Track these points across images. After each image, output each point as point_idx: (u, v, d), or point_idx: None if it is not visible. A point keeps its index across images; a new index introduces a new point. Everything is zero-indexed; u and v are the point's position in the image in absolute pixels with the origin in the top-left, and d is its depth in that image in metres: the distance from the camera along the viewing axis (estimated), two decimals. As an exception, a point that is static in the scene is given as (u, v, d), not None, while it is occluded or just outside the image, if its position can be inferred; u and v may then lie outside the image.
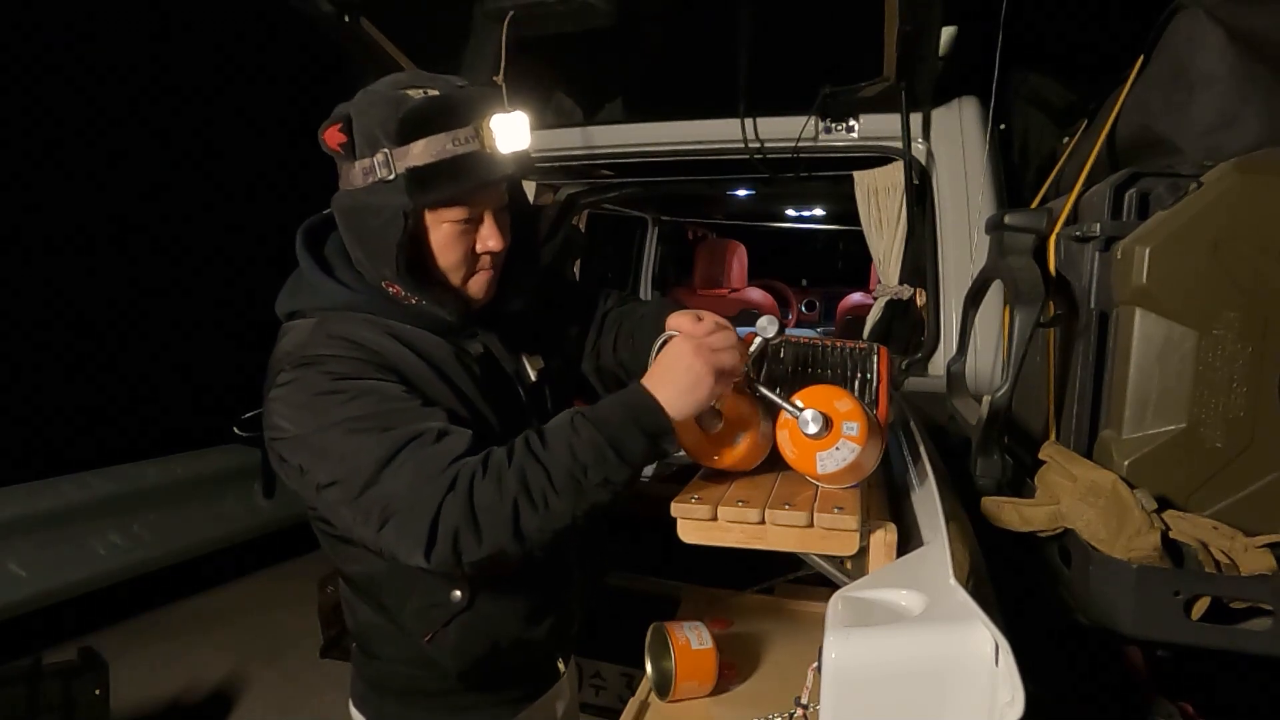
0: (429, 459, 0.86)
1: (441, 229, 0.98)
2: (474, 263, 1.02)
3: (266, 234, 4.43)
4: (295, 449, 0.92)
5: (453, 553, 0.85)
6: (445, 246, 0.99)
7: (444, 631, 1.03)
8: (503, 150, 0.95)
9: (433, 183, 0.93)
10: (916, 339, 2.28)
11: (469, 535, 0.84)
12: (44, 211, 3.77)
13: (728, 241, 5.05)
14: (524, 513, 0.85)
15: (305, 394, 0.91)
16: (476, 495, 0.84)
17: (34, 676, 2.31)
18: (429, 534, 0.84)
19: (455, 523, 0.84)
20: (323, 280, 1.01)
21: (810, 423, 0.87)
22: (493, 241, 1.00)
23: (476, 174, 0.94)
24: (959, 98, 2.04)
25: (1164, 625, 0.95)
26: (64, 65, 3.73)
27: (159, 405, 4.21)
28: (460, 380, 1.01)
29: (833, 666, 0.67)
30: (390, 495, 0.86)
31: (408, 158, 0.91)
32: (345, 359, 0.93)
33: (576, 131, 2.34)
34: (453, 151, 0.92)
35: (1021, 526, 1.09)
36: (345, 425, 0.88)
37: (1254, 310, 0.98)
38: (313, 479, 0.91)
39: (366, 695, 1.16)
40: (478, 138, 0.93)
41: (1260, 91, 1.07)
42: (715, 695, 1.22)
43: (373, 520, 0.87)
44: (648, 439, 0.88)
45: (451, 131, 0.92)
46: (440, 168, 0.92)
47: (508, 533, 0.85)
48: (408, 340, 0.99)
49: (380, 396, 0.91)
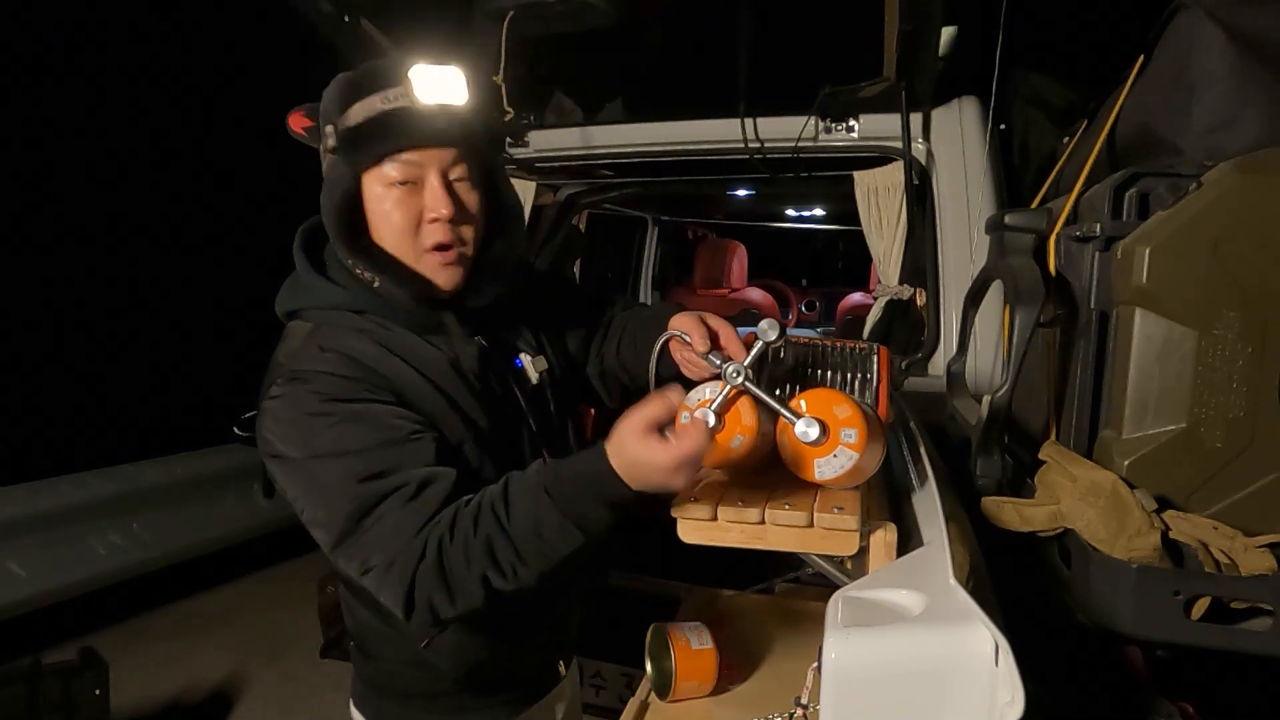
0: (406, 516, 0.87)
1: (378, 193, 0.95)
2: (427, 236, 0.97)
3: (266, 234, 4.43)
4: (284, 473, 0.93)
5: (430, 614, 0.88)
6: (386, 213, 0.96)
7: (441, 636, 1.03)
8: (424, 100, 0.93)
9: (363, 142, 0.93)
10: (916, 339, 2.28)
11: (443, 601, 0.87)
12: (44, 211, 3.77)
13: (728, 241, 5.04)
14: (494, 580, 0.87)
15: (295, 411, 0.91)
16: (446, 563, 0.85)
17: (34, 676, 2.31)
18: (405, 600, 0.86)
19: (429, 591, 0.86)
20: (315, 280, 1.01)
21: (807, 431, 0.86)
22: (440, 206, 0.95)
23: (405, 130, 0.93)
24: (959, 98, 2.04)
25: (1164, 625, 0.95)
26: (65, 65, 3.73)
27: (159, 405, 4.21)
28: (454, 390, 1.00)
29: (833, 666, 0.67)
30: (369, 548, 0.87)
31: (345, 123, 0.93)
32: (336, 377, 0.92)
33: (576, 131, 2.34)
34: (381, 109, 0.92)
35: (1021, 526, 1.09)
36: (329, 462, 0.88)
37: (1254, 310, 0.97)
38: (298, 505, 0.93)
39: (366, 695, 1.16)
40: (408, 95, 0.93)
41: (1260, 91, 1.07)
42: (715, 695, 1.22)
43: (354, 567, 0.89)
44: (611, 510, 0.87)
45: (382, 91, 0.92)
46: (369, 125, 0.92)
47: (479, 598, 0.87)
48: (400, 351, 0.98)
49: (370, 423, 0.90)
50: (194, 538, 3.73)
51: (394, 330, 1.00)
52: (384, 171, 0.94)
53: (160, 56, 4.08)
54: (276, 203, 4.46)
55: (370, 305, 0.99)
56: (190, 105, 4.30)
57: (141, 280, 4.21)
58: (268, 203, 4.51)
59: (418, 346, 1.00)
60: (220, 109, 4.43)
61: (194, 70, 4.24)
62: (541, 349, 1.15)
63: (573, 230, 3.03)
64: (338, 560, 0.92)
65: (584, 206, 3.05)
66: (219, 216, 4.54)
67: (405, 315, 1.00)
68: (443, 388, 0.99)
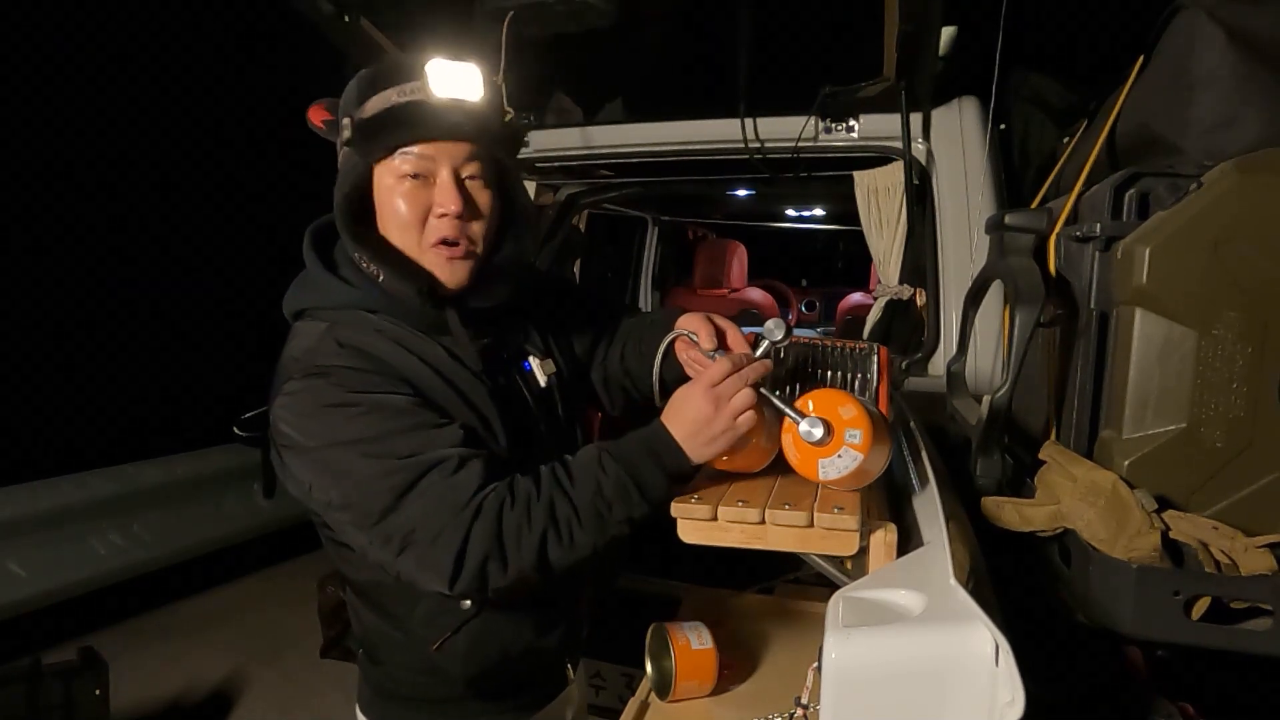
0: (451, 489, 0.87)
1: (386, 183, 0.96)
2: (428, 229, 0.97)
3: (267, 234, 4.44)
4: (303, 464, 0.92)
5: (478, 580, 0.87)
6: (392, 203, 0.96)
7: (453, 639, 1.02)
8: (440, 94, 0.93)
9: (377, 133, 0.93)
10: (916, 339, 2.28)
11: (496, 564, 0.86)
12: (44, 211, 3.78)
13: (728, 241, 5.04)
14: (550, 544, 0.87)
15: (314, 404, 0.90)
16: (505, 525, 0.86)
17: (34, 676, 2.31)
18: (455, 563, 0.85)
19: (484, 551, 0.86)
20: (326, 278, 1.00)
21: (811, 430, 0.86)
22: (449, 202, 0.94)
23: (419, 122, 0.93)
24: (959, 98, 2.04)
25: (1164, 625, 0.95)
26: (66, 65, 3.73)
27: (159, 405, 4.21)
28: (468, 388, 1.00)
29: (833, 666, 0.67)
30: (412, 523, 0.86)
31: (361, 115, 0.94)
32: (356, 370, 0.92)
33: (576, 131, 2.34)
34: (397, 101, 0.93)
35: (1021, 526, 1.09)
36: (358, 447, 0.88)
37: (1254, 310, 0.97)
38: (322, 497, 0.91)
39: (374, 701, 1.15)
40: (424, 90, 0.93)
41: (1260, 91, 1.07)
42: (715, 695, 1.22)
43: (391, 547, 0.88)
44: (669, 479, 0.91)
45: (399, 85, 0.93)
46: (384, 117, 0.93)
47: (533, 562, 0.87)
48: (415, 349, 0.98)
49: (393, 412, 0.90)
50: (194, 538, 3.73)
51: (405, 329, 1.00)
52: (395, 163, 0.95)
53: (160, 56, 4.08)
54: (277, 203, 4.47)
55: (381, 305, 0.99)
56: (190, 105, 4.30)
57: (142, 280, 4.21)
58: (269, 203, 4.52)
59: (429, 345, 1.00)
60: (220, 109, 4.43)
61: (194, 70, 4.24)
62: (549, 352, 1.15)
63: (573, 230, 3.03)
64: (373, 541, 0.89)
65: (584, 206, 3.05)
66: (219, 217, 4.55)
67: (411, 313, 0.99)
68: (458, 386, 0.99)
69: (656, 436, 0.91)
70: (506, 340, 1.09)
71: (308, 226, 1.06)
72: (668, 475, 0.91)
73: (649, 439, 0.92)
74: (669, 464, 0.90)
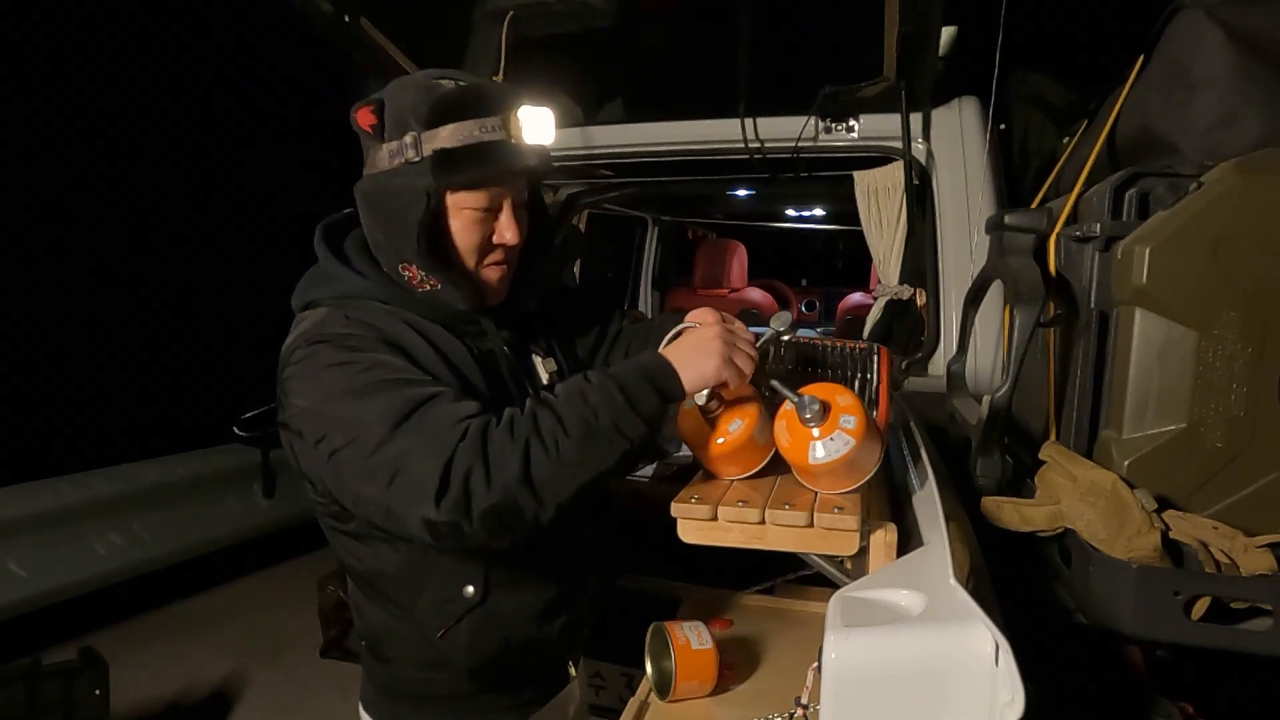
0: (444, 414, 0.87)
1: (462, 214, 1.00)
2: (488, 254, 1.03)
3: (268, 234, 4.44)
4: (307, 421, 0.92)
5: (463, 495, 0.83)
6: (463, 231, 1.01)
7: (457, 627, 1.03)
8: (527, 140, 0.99)
9: (458, 166, 0.95)
10: (916, 339, 2.28)
11: (480, 476, 0.83)
12: (45, 211, 3.78)
13: (728, 241, 5.04)
14: (534, 454, 0.85)
15: (317, 367, 0.92)
16: (490, 439, 0.85)
17: (34, 676, 2.30)
18: (440, 477, 0.83)
19: (468, 464, 0.83)
20: (340, 270, 1.03)
21: (806, 406, 0.88)
22: (509, 234, 1.02)
23: (500, 162, 0.98)
24: (959, 98, 2.04)
25: (1164, 625, 0.95)
26: (68, 65, 3.73)
27: (159, 405, 4.21)
28: (472, 375, 1.02)
29: (833, 666, 0.67)
30: (404, 450, 0.85)
31: (436, 140, 0.94)
32: (359, 336, 0.95)
33: (576, 131, 2.34)
34: (479, 138, 0.95)
35: (1021, 526, 1.09)
36: (359, 393, 0.89)
37: (1254, 310, 0.97)
38: (326, 447, 0.90)
39: (378, 700, 1.15)
40: (504, 128, 0.97)
41: (1260, 91, 1.07)
42: (715, 695, 1.22)
43: (382, 476, 0.86)
44: (658, 395, 0.91)
45: (480, 119, 0.96)
46: (466, 152, 0.95)
47: (517, 475, 0.84)
48: (423, 330, 1.01)
49: (393, 367, 0.92)
50: (194, 538, 3.73)
51: (417, 317, 1.02)
52: (470, 196, 0.99)
53: (161, 56, 4.09)
54: (278, 204, 4.48)
55: (394, 297, 1.01)
56: (189, 105, 4.30)
57: (142, 280, 4.22)
58: (269, 204, 4.52)
59: (439, 333, 1.03)
60: (220, 109, 4.43)
61: (195, 69, 4.24)
62: (552, 352, 1.18)
63: (573, 230, 3.03)
64: (370, 479, 0.87)
65: (584, 206, 3.05)
66: (221, 217, 4.55)
67: (439, 312, 1.03)
68: (462, 371, 1.01)
69: (645, 356, 0.95)
70: (513, 336, 1.12)
71: (316, 224, 1.08)
72: (656, 389, 0.91)
73: (638, 358, 0.95)
74: (658, 380, 0.91)
